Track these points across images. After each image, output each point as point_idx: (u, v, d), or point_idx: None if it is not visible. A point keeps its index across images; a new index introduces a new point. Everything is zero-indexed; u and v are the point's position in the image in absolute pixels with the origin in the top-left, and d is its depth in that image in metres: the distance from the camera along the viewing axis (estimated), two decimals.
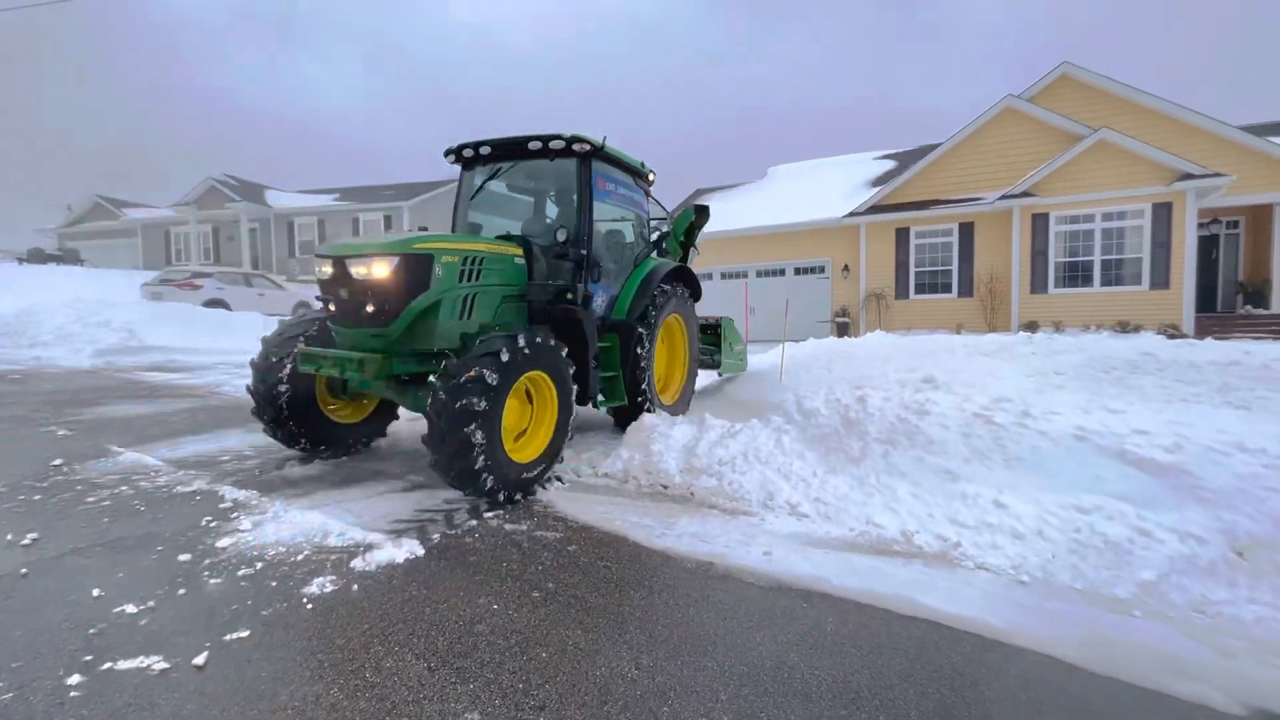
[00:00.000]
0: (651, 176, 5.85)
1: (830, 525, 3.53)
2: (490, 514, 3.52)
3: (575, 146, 4.64)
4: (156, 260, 29.47)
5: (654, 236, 6.06)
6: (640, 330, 4.97)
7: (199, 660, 1.99)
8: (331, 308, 3.99)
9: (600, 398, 4.88)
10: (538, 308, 4.51)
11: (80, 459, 4.36)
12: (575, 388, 4.20)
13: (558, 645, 2.19)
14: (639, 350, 4.96)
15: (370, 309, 3.75)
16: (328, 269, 3.89)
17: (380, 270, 3.68)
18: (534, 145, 4.66)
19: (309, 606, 2.39)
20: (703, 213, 6.21)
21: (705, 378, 7.23)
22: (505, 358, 3.51)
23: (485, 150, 4.88)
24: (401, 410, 5.03)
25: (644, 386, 5.05)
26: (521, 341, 3.65)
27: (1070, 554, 3.02)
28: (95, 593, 2.43)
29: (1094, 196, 13.29)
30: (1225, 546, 2.90)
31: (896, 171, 18.06)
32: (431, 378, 3.55)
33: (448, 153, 5.10)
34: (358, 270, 3.74)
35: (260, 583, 2.57)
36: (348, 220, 27.89)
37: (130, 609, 2.31)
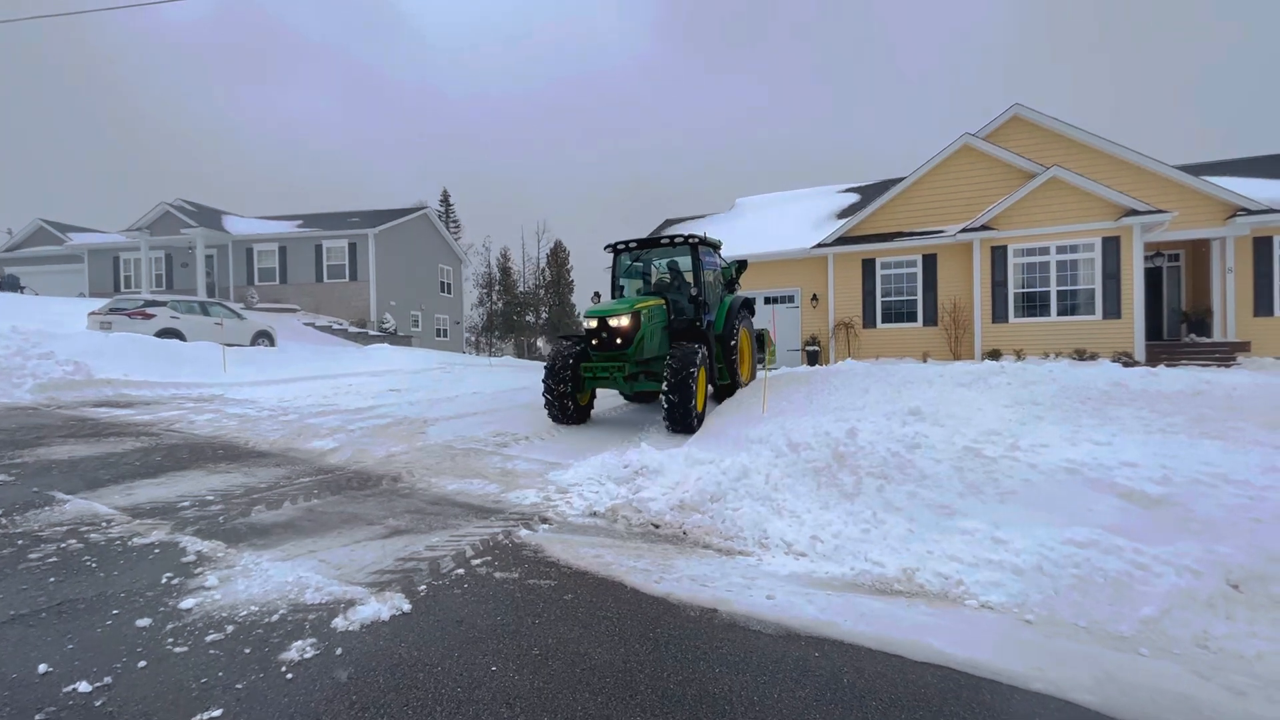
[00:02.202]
0: (721, 245, 9.29)
1: (829, 564, 3.46)
2: (477, 560, 3.34)
3: (690, 239, 7.99)
4: (104, 288, 28.17)
5: (723, 280, 9.29)
6: (731, 340, 8.20)
7: None
8: (594, 343, 7.20)
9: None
10: (677, 332, 7.92)
11: (20, 508, 3.98)
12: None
13: (566, 711, 2.04)
14: (732, 352, 8.17)
15: (619, 342, 7.05)
16: (593, 324, 7.13)
17: (624, 321, 7.02)
18: (665, 240, 8.06)
19: (289, 676, 2.18)
20: (744, 264, 9.40)
21: None
22: (699, 357, 6.77)
23: (633, 244, 8.35)
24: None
25: (736, 369, 8.25)
26: (704, 351, 7.09)
27: (1072, 590, 3.00)
28: (41, 669, 2.17)
29: (1048, 230, 13.91)
30: (1221, 579, 2.93)
31: (860, 204, 18.63)
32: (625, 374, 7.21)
33: (607, 246, 8.49)
34: (612, 322, 7.04)
35: (232, 650, 2.34)
36: (310, 247, 27.22)
37: (83, 687, 2.07)
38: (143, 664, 2.23)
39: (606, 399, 10.00)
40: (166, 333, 14.46)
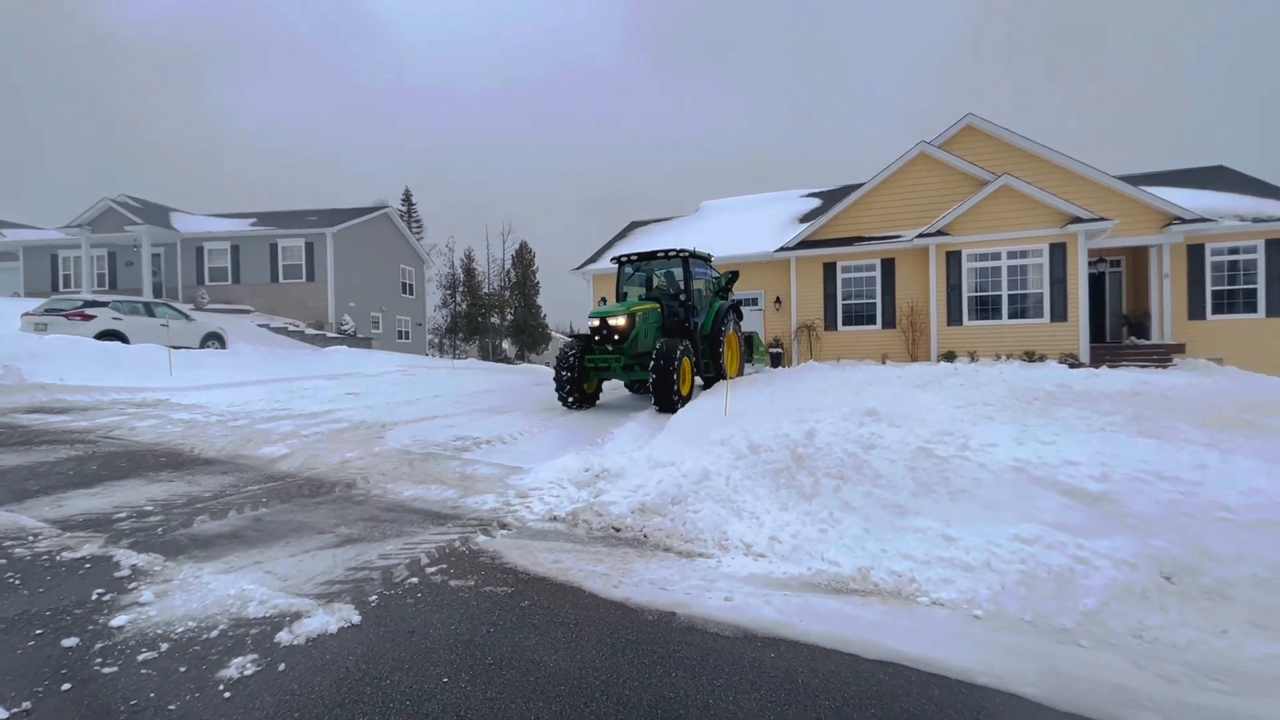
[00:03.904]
0: (712, 258, 10.83)
1: (787, 564, 3.49)
2: (432, 568, 3.26)
3: (682, 253, 9.45)
4: (41, 287, 26.72)
5: (714, 288, 10.63)
6: (718, 339, 9.52)
7: None
8: (597, 339, 8.59)
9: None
10: (669, 331, 9.25)
11: None
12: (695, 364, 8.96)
13: None
14: (718, 348, 9.49)
15: (617, 338, 8.45)
16: (596, 323, 8.58)
17: (621, 321, 8.44)
18: (660, 254, 9.61)
19: (227, 695, 2.08)
20: (735, 274, 10.53)
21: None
22: (681, 349, 8.04)
23: (634, 257, 9.92)
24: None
25: (721, 364, 9.51)
26: (686, 345, 8.25)
27: (1018, 585, 3.10)
28: None
29: (999, 236, 14.41)
30: (1155, 572, 3.06)
31: (822, 209, 18.98)
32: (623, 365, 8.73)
33: (614, 259, 10.27)
34: (611, 322, 8.47)
35: (166, 669, 2.23)
36: (265, 246, 26.32)
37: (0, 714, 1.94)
38: (67, 686, 2.10)
39: (612, 390, 11.30)
40: (107, 335, 13.77)
